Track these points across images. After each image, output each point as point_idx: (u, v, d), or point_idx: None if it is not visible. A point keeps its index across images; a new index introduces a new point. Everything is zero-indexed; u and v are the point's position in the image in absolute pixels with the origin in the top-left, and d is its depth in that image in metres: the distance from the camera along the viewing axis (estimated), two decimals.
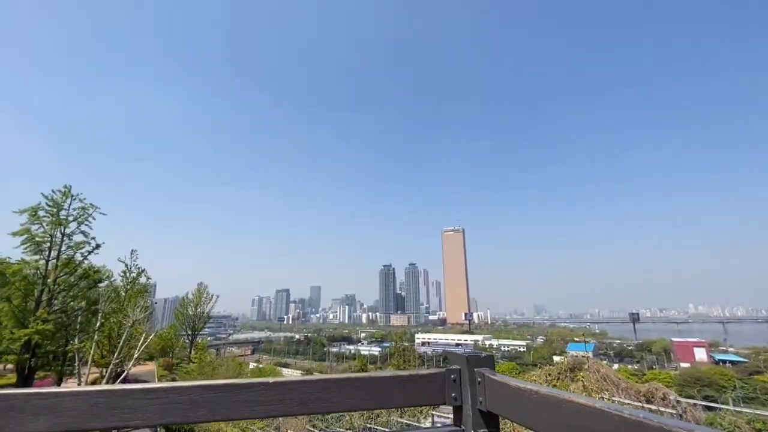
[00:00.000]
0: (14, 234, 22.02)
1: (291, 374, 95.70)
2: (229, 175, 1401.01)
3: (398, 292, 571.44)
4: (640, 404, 15.34)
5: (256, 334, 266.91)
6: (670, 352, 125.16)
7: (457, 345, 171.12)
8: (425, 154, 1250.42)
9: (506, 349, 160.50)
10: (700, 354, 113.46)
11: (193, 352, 73.29)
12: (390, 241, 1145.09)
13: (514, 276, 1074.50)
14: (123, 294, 38.72)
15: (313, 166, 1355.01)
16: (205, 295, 78.08)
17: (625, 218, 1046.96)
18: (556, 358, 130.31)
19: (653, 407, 15.08)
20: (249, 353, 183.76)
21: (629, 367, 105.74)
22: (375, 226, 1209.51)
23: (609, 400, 17.87)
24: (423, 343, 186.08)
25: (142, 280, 42.06)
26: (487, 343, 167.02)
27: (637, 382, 25.58)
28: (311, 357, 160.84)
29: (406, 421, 18.23)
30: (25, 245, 22.21)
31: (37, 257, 22.63)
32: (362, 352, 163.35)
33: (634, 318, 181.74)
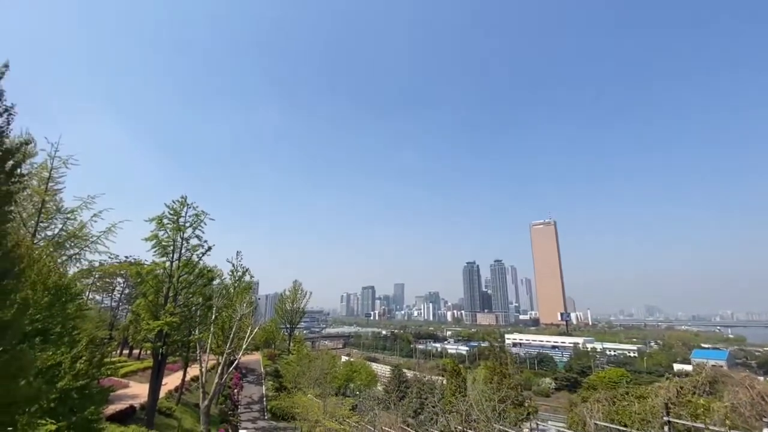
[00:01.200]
0: (146, 239, 25.86)
1: (380, 369, 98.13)
2: (317, 179, 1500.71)
3: (484, 290, 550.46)
4: None
5: (346, 329, 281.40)
6: None
7: (554, 347, 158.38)
8: (510, 144, 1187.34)
9: (612, 353, 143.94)
10: None
11: (291, 344, 79.26)
12: (473, 238, 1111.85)
13: (620, 273, 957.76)
14: (232, 291, 43.30)
15: (393, 166, 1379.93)
16: (299, 292, 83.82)
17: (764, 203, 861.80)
18: (677, 366, 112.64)
19: None
20: (341, 347, 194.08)
21: None
22: (456, 223, 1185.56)
23: None
24: (514, 344, 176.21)
25: (247, 278, 46.55)
26: (589, 346, 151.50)
27: None
28: (398, 353, 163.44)
29: (505, 428, 16.80)
30: (155, 249, 25.94)
31: (163, 259, 26.25)
32: (449, 351, 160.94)
33: None
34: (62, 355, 8.92)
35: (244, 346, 38.75)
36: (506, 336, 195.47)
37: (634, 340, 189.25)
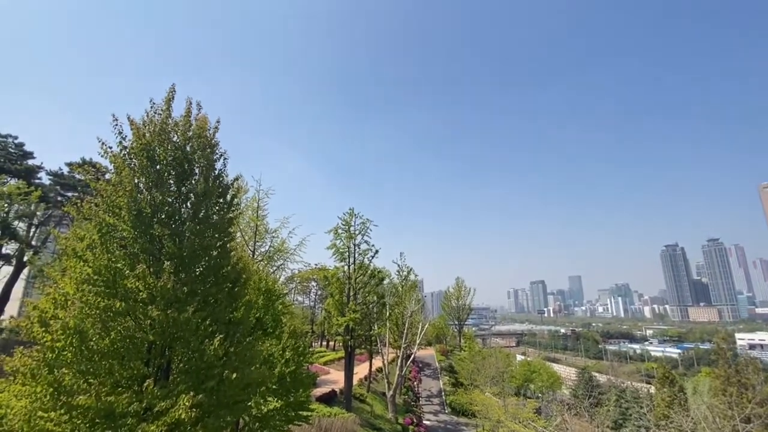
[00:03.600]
0: (328, 248, 30.43)
1: (563, 371, 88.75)
2: (477, 179, 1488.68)
3: (695, 278, 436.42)
4: None
5: (518, 326, 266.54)
6: None
7: None
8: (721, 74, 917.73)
9: None
10: None
11: (462, 340, 79.86)
12: (670, 216, 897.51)
13: None
14: (400, 289, 46.57)
15: (567, 145, 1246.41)
16: (463, 288, 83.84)
17: None
18: None
19: None
20: (514, 345, 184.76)
21: None
22: (648, 199, 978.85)
23: None
24: (751, 346, 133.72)
25: (412, 277, 49.33)
26: None
27: None
28: (583, 353, 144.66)
29: None
30: (334, 255, 30.26)
31: (342, 263, 30.28)
32: (652, 353, 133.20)
33: None
34: (275, 345, 11.25)
35: (417, 341, 41.05)
36: (737, 335, 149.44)
37: None
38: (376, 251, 30.75)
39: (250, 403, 8.57)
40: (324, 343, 67.62)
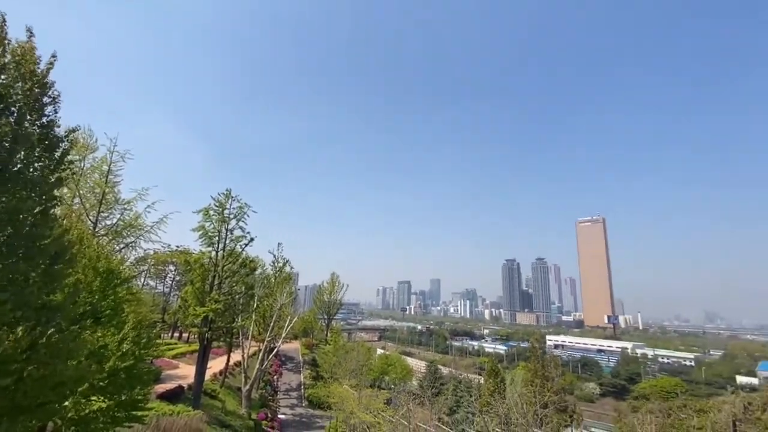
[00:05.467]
0: (194, 230, 27.22)
1: (415, 364, 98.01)
2: (356, 176, 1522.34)
3: (524, 288, 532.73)
4: None
5: (382, 322, 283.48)
6: None
7: (599, 351, 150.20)
8: (557, 136, 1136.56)
9: (666, 361, 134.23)
10: None
11: (329, 334, 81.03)
12: (513, 236, 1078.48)
13: (675, 275, 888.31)
14: (273, 281, 44.82)
15: (430, 159, 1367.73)
16: (337, 284, 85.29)
17: None
18: (740, 379, 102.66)
19: None
20: (376, 339, 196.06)
21: None
22: (496, 219, 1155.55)
23: None
24: (556, 346, 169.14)
25: (287, 269, 47.99)
26: (639, 352, 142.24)
27: None
28: (434, 349, 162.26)
29: None
30: (201, 239, 27.25)
31: (209, 249, 27.51)
32: (486, 350, 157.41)
33: None
34: (110, 336, 9.45)
35: (283, 335, 40.05)
36: (547, 337, 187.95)
37: (692, 347, 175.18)
38: (251, 239, 28.86)
39: (66, 404, 6.96)
40: (177, 334, 60.46)
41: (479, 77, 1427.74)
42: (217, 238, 27.54)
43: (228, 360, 39.29)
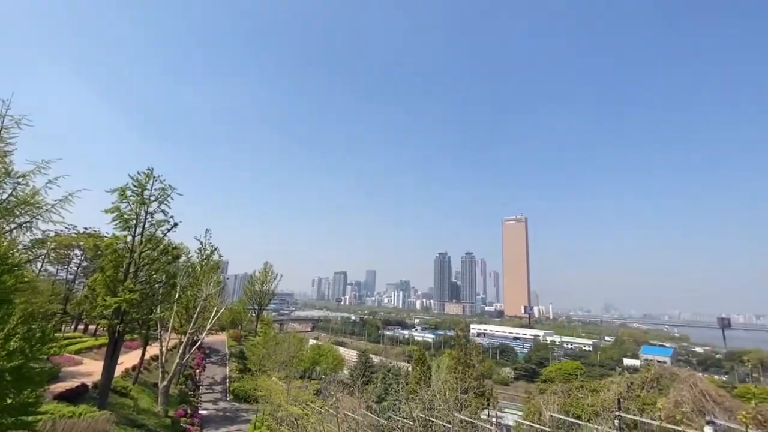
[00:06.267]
0: (107, 211, 24.29)
1: (348, 353, 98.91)
2: (296, 161, 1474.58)
3: (453, 280, 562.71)
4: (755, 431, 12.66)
5: (316, 313, 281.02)
6: None
7: (515, 339, 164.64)
8: (490, 138, 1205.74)
9: (569, 346, 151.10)
10: None
11: (259, 326, 78.36)
12: (446, 229, 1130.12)
13: (582, 271, 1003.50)
14: (198, 269, 41.99)
15: (369, 154, 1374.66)
16: (270, 274, 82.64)
17: (718, 213, 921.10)
18: (626, 361, 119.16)
19: None
20: (309, 330, 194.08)
21: (716, 378, 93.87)
22: (431, 213, 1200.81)
23: (709, 423, 15.11)
24: (478, 334, 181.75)
25: (215, 257, 45.23)
26: (549, 339, 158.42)
27: (729, 396, 21.67)
28: (366, 338, 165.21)
29: (465, 418, 17.14)
30: (116, 222, 24.43)
31: (125, 233, 24.80)
32: (416, 338, 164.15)
33: (724, 323, 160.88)
34: None
35: (208, 326, 37.84)
36: (472, 326, 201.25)
37: (591, 335, 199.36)
38: (175, 224, 26.60)
39: None
40: (81, 327, 54.10)
41: (425, 70, 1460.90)
42: (134, 221, 24.93)
43: (143, 354, 36.19)
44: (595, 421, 17.77)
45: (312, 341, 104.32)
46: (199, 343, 39.42)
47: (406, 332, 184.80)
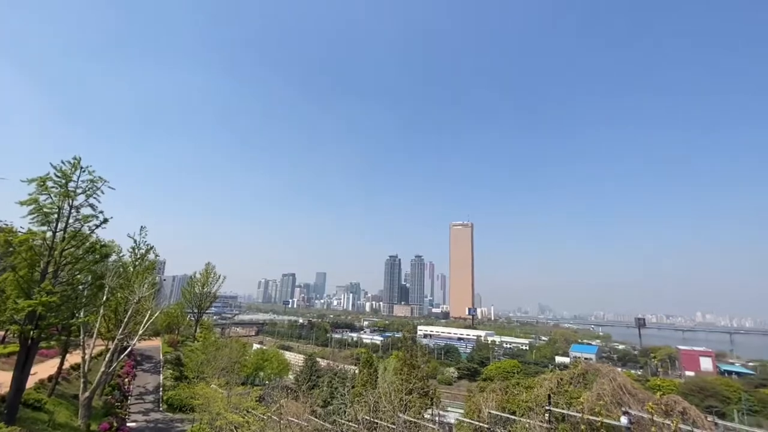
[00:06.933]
0: (22, 203, 21.59)
1: (294, 358, 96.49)
2: (242, 159, 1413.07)
3: (403, 283, 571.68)
4: (660, 419, 14.34)
5: (261, 316, 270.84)
6: (675, 360, 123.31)
7: (459, 339, 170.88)
8: (437, 145, 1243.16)
9: (508, 346, 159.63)
10: (706, 364, 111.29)
11: (198, 330, 73.96)
12: (397, 232, 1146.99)
13: (521, 274, 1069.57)
14: (131, 270, 38.75)
15: (322, 153, 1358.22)
16: (212, 275, 78.46)
17: (637, 223, 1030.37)
18: (558, 359, 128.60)
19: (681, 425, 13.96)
20: (253, 334, 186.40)
21: (633, 372, 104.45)
22: (383, 216, 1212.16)
23: (625, 413, 16.81)
24: (425, 336, 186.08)
25: (151, 256, 42.02)
26: (490, 339, 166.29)
27: (642, 388, 24.42)
28: (314, 341, 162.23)
29: (409, 419, 17.56)
30: (33, 215, 21.79)
31: (44, 228, 22.22)
32: (365, 341, 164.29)
33: (640, 323, 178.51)
34: None
35: (140, 331, 35.04)
36: (419, 328, 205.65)
37: (528, 335, 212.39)
38: (105, 220, 24.36)
39: None
40: None
41: (372, 76, 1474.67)
42: (56, 215, 22.45)
43: (62, 363, 32.62)
44: (528, 415, 19.03)
45: (256, 346, 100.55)
46: (129, 349, 36.38)
47: (355, 335, 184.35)
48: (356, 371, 53.61)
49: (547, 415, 17.03)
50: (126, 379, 40.69)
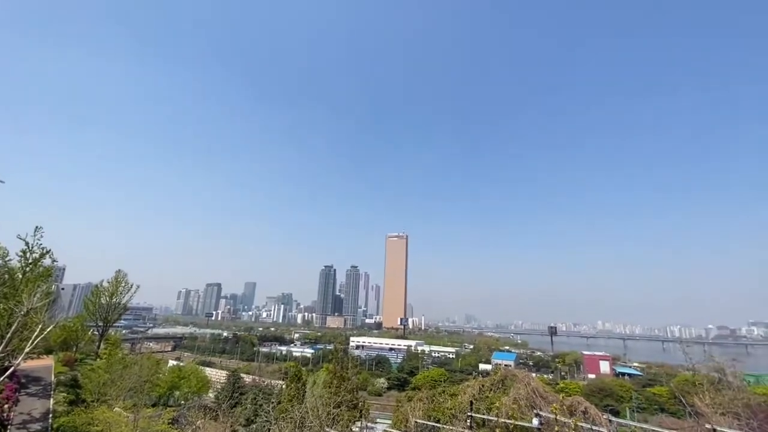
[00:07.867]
0: None
1: (215, 374, 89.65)
2: (168, 156, 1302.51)
3: (338, 293, 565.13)
4: (564, 419, 15.97)
5: (180, 330, 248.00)
6: (581, 364, 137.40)
7: (391, 350, 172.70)
8: (376, 158, 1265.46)
9: (437, 355, 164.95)
10: (605, 367, 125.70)
11: (102, 346, 65.59)
12: (332, 242, 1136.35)
13: (449, 285, 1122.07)
14: (20, 276, 33.47)
15: (258, 157, 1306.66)
16: (123, 284, 70.36)
17: (552, 237, 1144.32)
18: (482, 366, 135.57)
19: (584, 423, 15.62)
20: (170, 349, 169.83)
21: (545, 376, 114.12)
22: (317, 225, 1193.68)
23: (536, 415, 18.37)
24: (357, 347, 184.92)
25: (47, 261, 36.77)
26: (420, 348, 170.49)
27: (552, 391, 27.03)
28: (239, 356, 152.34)
29: None
30: None
31: None
32: (294, 354, 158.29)
33: (552, 331, 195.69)
34: None
35: (27, 349, 30.12)
36: (351, 339, 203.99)
37: (455, 343, 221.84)
38: None
39: None
40: None
41: (322, 82, 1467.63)
42: None
43: None
44: (452, 422, 19.90)
45: (172, 362, 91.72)
46: (11, 370, 31.06)
47: (284, 348, 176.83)
48: (283, 386, 51.55)
49: (468, 420, 17.99)
50: (6, 405, 34.61)
